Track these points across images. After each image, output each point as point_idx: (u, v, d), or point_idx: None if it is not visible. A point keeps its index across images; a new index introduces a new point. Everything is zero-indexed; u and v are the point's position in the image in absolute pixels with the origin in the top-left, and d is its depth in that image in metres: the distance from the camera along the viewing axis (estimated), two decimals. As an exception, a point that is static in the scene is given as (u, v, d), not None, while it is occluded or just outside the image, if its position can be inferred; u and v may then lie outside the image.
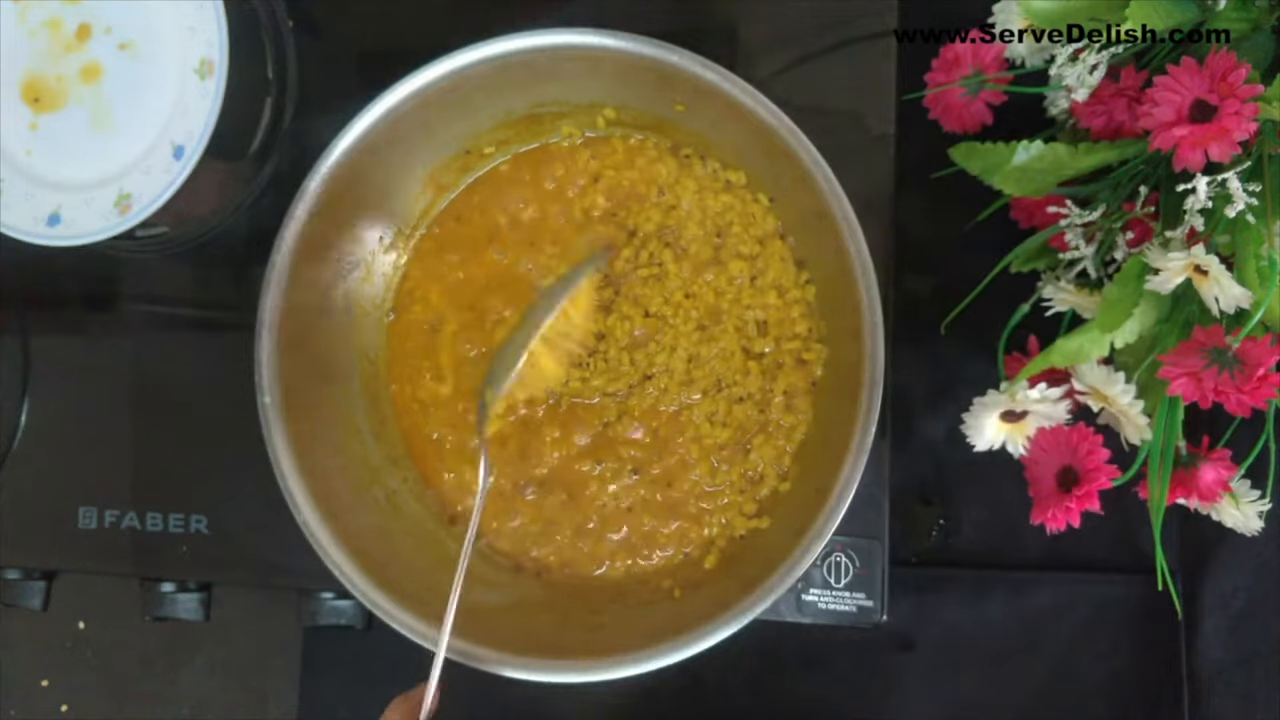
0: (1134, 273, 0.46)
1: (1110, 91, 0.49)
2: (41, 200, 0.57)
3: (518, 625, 0.53)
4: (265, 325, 0.52)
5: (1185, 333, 0.48)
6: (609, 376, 0.56)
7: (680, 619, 0.50)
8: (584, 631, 0.53)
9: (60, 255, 0.57)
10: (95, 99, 0.57)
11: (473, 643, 0.49)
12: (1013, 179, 0.49)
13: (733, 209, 0.56)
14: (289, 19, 0.62)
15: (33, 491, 0.63)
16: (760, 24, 0.59)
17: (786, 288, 0.56)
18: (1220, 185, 0.44)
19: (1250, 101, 0.42)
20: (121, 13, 0.56)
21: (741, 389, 0.55)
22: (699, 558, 0.55)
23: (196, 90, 0.55)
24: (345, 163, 0.52)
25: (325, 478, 0.51)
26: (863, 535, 0.55)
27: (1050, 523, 0.49)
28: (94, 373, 0.64)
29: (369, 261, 0.57)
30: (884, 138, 0.57)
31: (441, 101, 0.52)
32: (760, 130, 0.50)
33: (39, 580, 0.63)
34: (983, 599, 0.53)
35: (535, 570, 0.56)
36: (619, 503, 0.56)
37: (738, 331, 0.55)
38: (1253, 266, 0.44)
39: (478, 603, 0.54)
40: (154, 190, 0.55)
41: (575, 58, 0.51)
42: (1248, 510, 0.50)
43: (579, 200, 0.57)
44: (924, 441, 0.60)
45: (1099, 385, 0.48)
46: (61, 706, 0.68)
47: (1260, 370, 0.43)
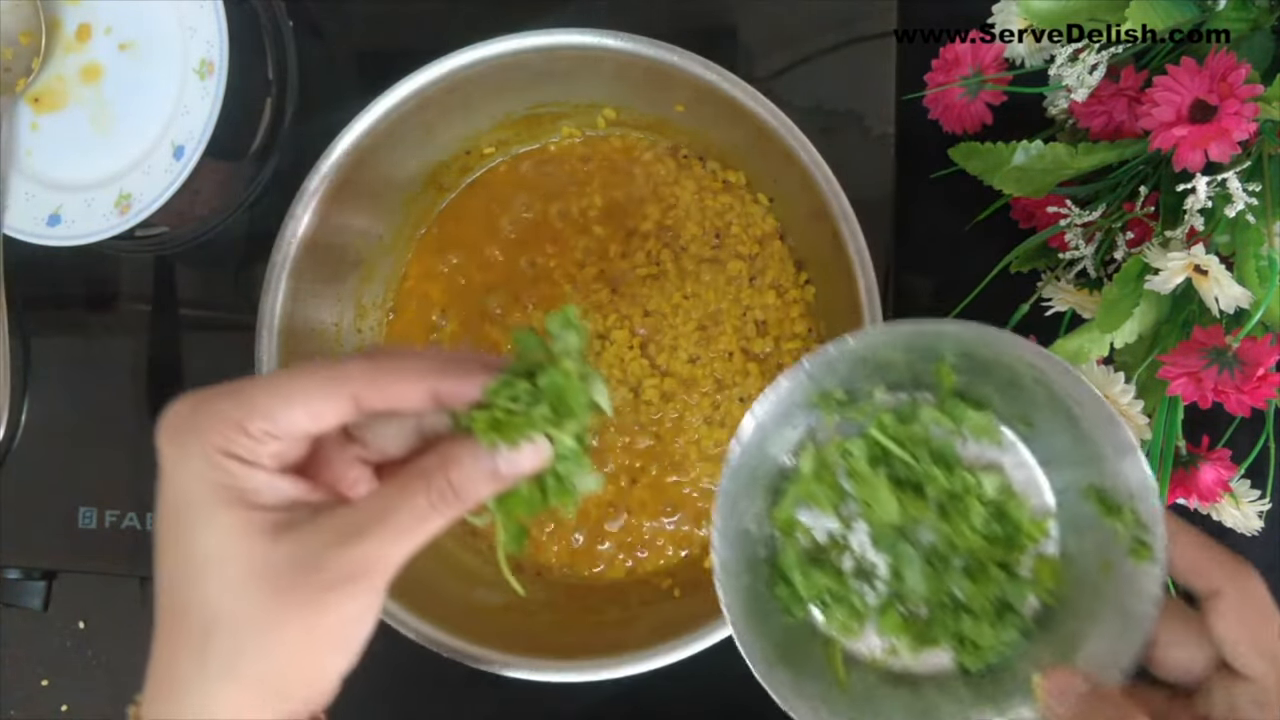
0: (1134, 273, 0.46)
1: (1110, 91, 0.49)
2: (41, 200, 0.57)
3: (518, 625, 0.53)
4: (265, 325, 0.52)
5: (1185, 333, 0.48)
6: (610, 381, 0.56)
7: (680, 619, 0.50)
8: (584, 631, 0.53)
9: (60, 255, 0.57)
10: (95, 99, 0.57)
11: (473, 643, 0.49)
12: (1013, 179, 0.49)
13: (732, 209, 0.56)
14: (289, 19, 0.62)
15: (33, 491, 0.63)
16: (760, 24, 0.59)
17: (786, 288, 0.56)
18: (1220, 185, 0.44)
19: (1250, 101, 0.42)
20: (121, 13, 0.56)
21: (741, 389, 0.55)
22: (699, 558, 0.55)
23: (196, 90, 0.55)
24: (345, 163, 0.52)
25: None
26: (863, 535, 0.55)
27: (1050, 523, 0.48)
28: (94, 373, 0.64)
29: (369, 261, 0.57)
30: (884, 138, 0.57)
31: (441, 101, 0.52)
32: (760, 130, 0.50)
33: (39, 580, 0.63)
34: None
35: (535, 570, 0.56)
36: (619, 503, 0.56)
37: (737, 332, 0.55)
38: (1253, 266, 0.44)
39: (478, 603, 0.54)
40: (154, 190, 0.55)
41: (575, 58, 0.51)
42: (1248, 510, 0.50)
43: (578, 200, 0.57)
44: (924, 441, 0.60)
45: (1099, 385, 0.48)
46: (61, 706, 0.68)
47: (1260, 370, 0.43)
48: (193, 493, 0.31)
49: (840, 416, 0.49)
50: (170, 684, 0.32)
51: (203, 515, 0.31)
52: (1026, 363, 0.44)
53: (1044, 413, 0.46)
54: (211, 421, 0.31)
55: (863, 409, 0.48)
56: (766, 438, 0.46)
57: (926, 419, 0.49)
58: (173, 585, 0.32)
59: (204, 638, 0.31)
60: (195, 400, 0.32)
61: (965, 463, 0.49)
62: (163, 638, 0.33)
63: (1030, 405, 0.46)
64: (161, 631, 0.33)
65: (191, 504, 0.31)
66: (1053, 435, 0.47)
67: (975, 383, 0.48)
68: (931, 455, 0.49)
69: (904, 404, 0.50)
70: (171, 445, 0.32)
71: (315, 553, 0.31)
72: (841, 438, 0.49)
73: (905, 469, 0.49)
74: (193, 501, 0.31)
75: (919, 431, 0.49)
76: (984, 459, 0.49)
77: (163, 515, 0.32)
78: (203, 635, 0.31)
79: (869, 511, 0.48)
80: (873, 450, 0.49)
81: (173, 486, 0.32)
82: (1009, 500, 0.47)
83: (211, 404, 0.32)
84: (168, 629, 0.32)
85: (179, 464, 0.31)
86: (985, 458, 0.49)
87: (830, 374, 0.46)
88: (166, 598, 0.32)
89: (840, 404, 0.49)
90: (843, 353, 0.44)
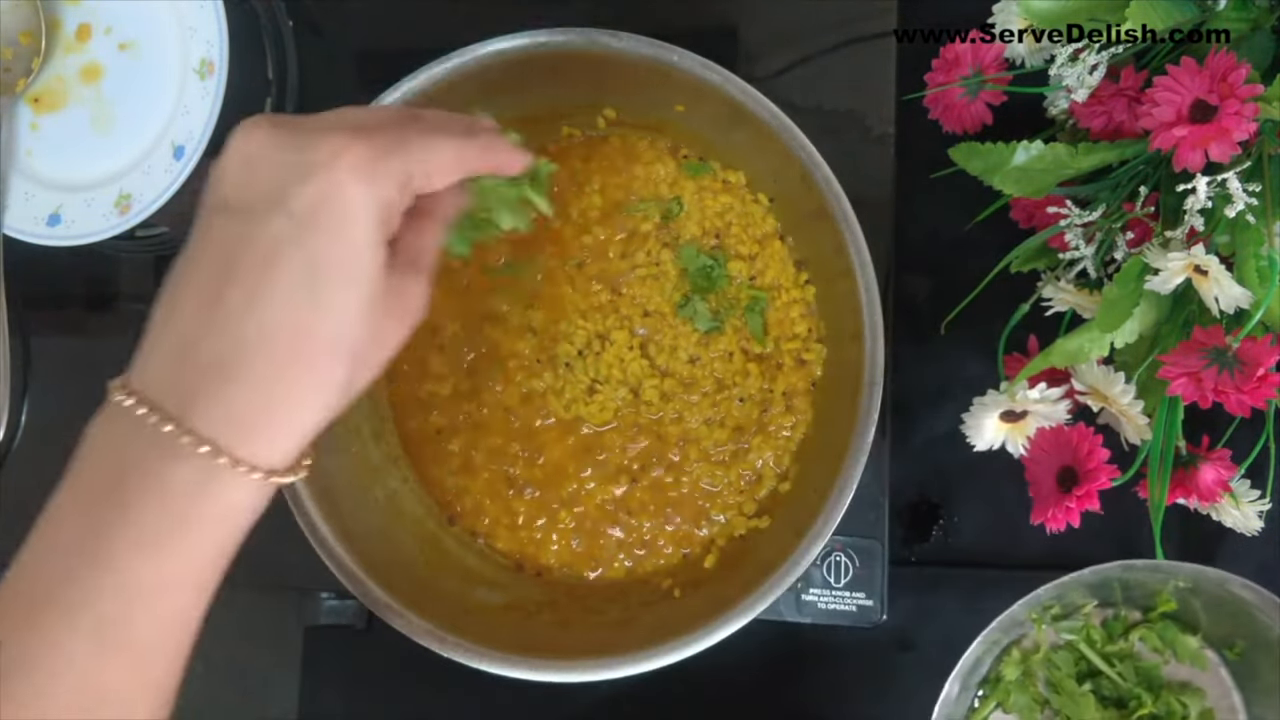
0: (1134, 273, 0.46)
1: (1110, 91, 0.49)
2: (41, 200, 0.57)
3: (518, 625, 0.53)
4: (265, 325, 0.52)
5: (1185, 333, 0.48)
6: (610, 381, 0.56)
7: (680, 619, 0.50)
8: (584, 631, 0.53)
9: (60, 255, 0.57)
10: (95, 99, 0.57)
11: (473, 643, 0.49)
12: (1013, 179, 0.49)
13: (732, 209, 0.56)
14: (289, 19, 0.62)
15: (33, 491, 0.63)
16: (760, 24, 0.59)
17: (786, 288, 0.56)
18: (1220, 185, 0.44)
19: (1250, 101, 0.42)
20: (121, 13, 0.57)
21: (741, 389, 0.55)
22: (699, 558, 0.55)
23: (196, 90, 0.55)
24: (345, 163, 0.52)
25: (325, 477, 0.51)
26: (862, 535, 0.55)
27: (1050, 523, 0.49)
28: (94, 373, 0.64)
29: (369, 261, 0.57)
30: (884, 138, 0.57)
31: (441, 101, 0.52)
32: (760, 130, 0.50)
33: (39, 580, 0.63)
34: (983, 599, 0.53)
35: (535, 570, 0.56)
36: (619, 503, 0.56)
37: (737, 332, 0.55)
38: (1253, 266, 0.44)
39: (478, 603, 0.54)
40: (154, 190, 0.55)
41: (575, 58, 0.51)
42: (1248, 510, 0.50)
43: (578, 200, 0.57)
44: (924, 441, 0.60)
45: (1099, 385, 0.48)
46: (61, 706, 0.68)
47: (1260, 370, 0.43)
48: (359, 226, 0.34)
49: (1050, 626, 0.50)
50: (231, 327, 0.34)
51: (360, 245, 0.34)
52: (1243, 599, 0.46)
53: (1252, 642, 0.47)
54: (391, 177, 0.35)
55: (1072, 621, 0.50)
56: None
57: (1134, 637, 0.50)
58: (277, 254, 0.34)
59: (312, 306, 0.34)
60: (381, 146, 0.34)
61: (1169, 683, 0.50)
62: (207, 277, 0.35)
63: (1238, 630, 0.47)
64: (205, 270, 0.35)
65: (355, 239, 0.34)
66: (1258, 665, 0.48)
67: (1188, 601, 0.49)
68: (1137, 674, 0.50)
69: (1112, 619, 0.51)
70: (359, 183, 0.34)
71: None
72: (1049, 647, 0.50)
73: (1110, 686, 0.50)
74: (357, 239, 0.34)
75: (1126, 648, 0.50)
76: (1185, 678, 0.50)
77: (316, 220, 0.34)
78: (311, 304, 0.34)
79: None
80: (1079, 664, 0.50)
81: (345, 213, 0.34)
82: None
83: (392, 158, 0.35)
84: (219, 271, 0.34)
85: (359, 200, 0.34)
86: (1186, 677, 0.50)
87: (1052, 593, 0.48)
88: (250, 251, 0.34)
89: (1054, 617, 0.50)
90: (1076, 580, 0.47)
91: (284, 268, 0.33)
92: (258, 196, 0.34)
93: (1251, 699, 0.50)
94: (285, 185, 0.34)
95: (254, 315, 0.33)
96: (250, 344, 0.33)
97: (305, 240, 0.33)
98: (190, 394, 0.33)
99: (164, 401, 0.34)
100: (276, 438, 0.34)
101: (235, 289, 0.34)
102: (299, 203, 0.33)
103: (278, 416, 0.34)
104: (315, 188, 0.33)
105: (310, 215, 0.33)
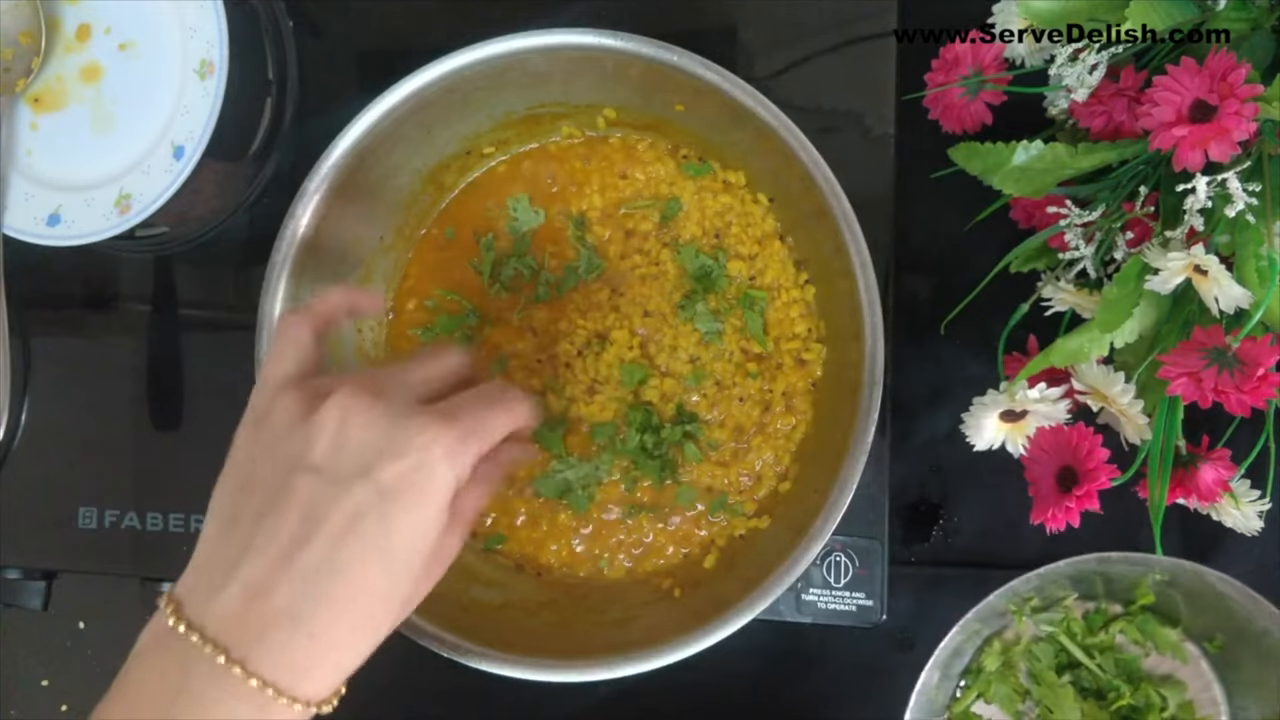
0: (1134, 273, 0.46)
1: (1110, 91, 0.49)
2: (41, 200, 0.57)
3: (518, 625, 0.53)
4: (265, 325, 0.52)
5: (1185, 333, 0.48)
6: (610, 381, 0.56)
7: (680, 619, 0.50)
8: (584, 631, 0.53)
9: (60, 255, 0.57)
10: (95, 99, 0.57)
11: (473, 643, 0.49)
12: (1013, 179, 0.49)
13: (732, 209, 0.56)
14: (289, 19, 0.62)
15: (33, 491, 0.63)
16: (760, 24, 0.59)
17: (786, 288, 0.56)
18: (1220, 185, 0.44)
19: (1250, 101, 0.42)
20: (121, 13, 0.57)
21: (741, 389, 0.55)
22: (699, 558, 0.55)
23: (196, 90, 0.55)
24: (345, 163, 0.52)
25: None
26: (862, 535, 0.55)
27: (1050, 523, 0.49)
28: (94, 373, 0.64)
29: (369, 261, 0.57)
30: (884, 138, 0.57)
31: (441, 101, 0.52)
32: (760, 130, 0.50)
33: (39, 580, 0.63)
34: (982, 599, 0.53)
35: (535, 570, 0.56)
36: (619, 503, 0.56)
37: (737, 332, 0.55)
38: (1253, 266, 0.44)
39: (477, 602, 0.54)
40: (154, 190, 0.55)
41: (575, 58, 0.51)
42: (1248, 510, 0.50)
43: (578, 200, 0.57)
44: (924, 441, 0.60)
45: (1099, 385, 0.48)
46: (61, 706, 0.68)
47: (1260, 370, 0.43)
48: (437, 502, 0.38)
49: (1030, 618, 0.51)
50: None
51: (435, 518, 0.39)
52: (1222, 593, 0.46)
53: (1232, 635, 0.47)
54: (470, 457, 0.39)
55: (1053, 614, 0.50)
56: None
57: (1115, 629, 0.51)
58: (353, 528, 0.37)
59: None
60: (466, 430, 0.39)
61: (1149, 675, 0.50)
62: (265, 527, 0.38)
63: (1218, 624, 0.47)
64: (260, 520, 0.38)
65: (431, 514, 0.38)
66: (1239, 658, 0.48)
67: (1167, 594, 0.49)
68: (1117, 666, 0.50)
69: (1093, 612, 0.51)
70: (445, 464, 0.38)
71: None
72: (1029, 638, 0.50)
73: (1090, 678, 0.50)
74: (432, 514, 0.38)
75: (1106, 640, 0.51)
76: (1167, 671, 0.50)
77: (409, 502, 0.38)
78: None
79: (1048, 715, 0.50)
80: (1059, 655, 0.51)
81: (429, 490, 0.38)
82: (1189, 718, 0.49)
83: (472, 441, 0.39)
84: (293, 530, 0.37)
85: (444, 480, 0.38)
86: (1168, 670, 0.50)
87: (1028, 585, 0.49)
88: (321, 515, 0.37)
89: (1034, 609, 0.50)
90: (1054, 572, 0.47)
91: (363, 534, 0.37)
92: (349, 465, 0.38)
93: (1233, 691, 0.50)
94: (376, 459, 0.37)
95: (330, 576, 0.37)
96: (322, 600, 0.37)
97: (386, 511, 0.37)
98: (257, 638, 0.36)
99: (227, 639, 0.36)
100: (328, 678, 0.38)
101: (314, 549, 0.37)
102: (387, 475, 0.37)
103: (331, 660, 0.37)
104: (406, 466, 0.37)
105: (394, 490, 0.37)
